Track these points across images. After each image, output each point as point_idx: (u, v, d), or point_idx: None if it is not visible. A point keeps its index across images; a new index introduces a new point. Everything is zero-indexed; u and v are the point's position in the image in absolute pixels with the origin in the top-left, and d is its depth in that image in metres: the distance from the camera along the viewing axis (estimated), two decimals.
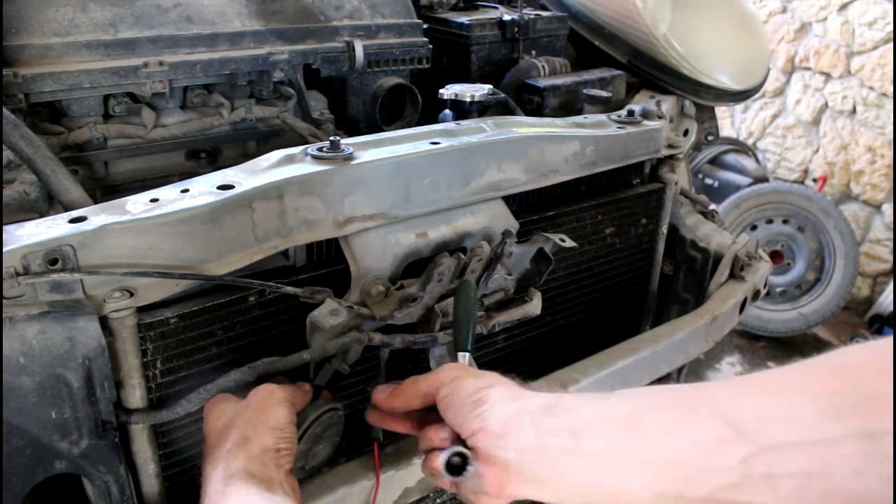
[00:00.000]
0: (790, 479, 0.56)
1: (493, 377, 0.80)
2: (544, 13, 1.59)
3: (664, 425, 0.64)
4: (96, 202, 0.86)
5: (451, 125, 1.09)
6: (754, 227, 3.60)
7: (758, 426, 0.58)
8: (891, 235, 3.77)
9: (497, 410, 0.73)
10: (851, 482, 0.53)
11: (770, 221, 3.60)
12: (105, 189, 1.17)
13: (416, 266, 1.02)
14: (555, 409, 0.71)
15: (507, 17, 1.50)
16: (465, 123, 1.10)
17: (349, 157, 0.93)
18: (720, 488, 0.59)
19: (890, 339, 0.56)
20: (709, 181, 3.82)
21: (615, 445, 0.65)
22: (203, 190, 0.85)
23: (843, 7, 3.72)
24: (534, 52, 1.53)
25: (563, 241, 1.11)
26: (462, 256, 1.00)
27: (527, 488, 0.71)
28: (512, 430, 0.71)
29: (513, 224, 1.11)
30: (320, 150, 0.94)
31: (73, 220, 0.77)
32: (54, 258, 0.74)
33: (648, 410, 0.66)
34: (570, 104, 1.44)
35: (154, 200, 0.82)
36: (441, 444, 0.79)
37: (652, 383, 1.32)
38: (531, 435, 0.70)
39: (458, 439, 0.77)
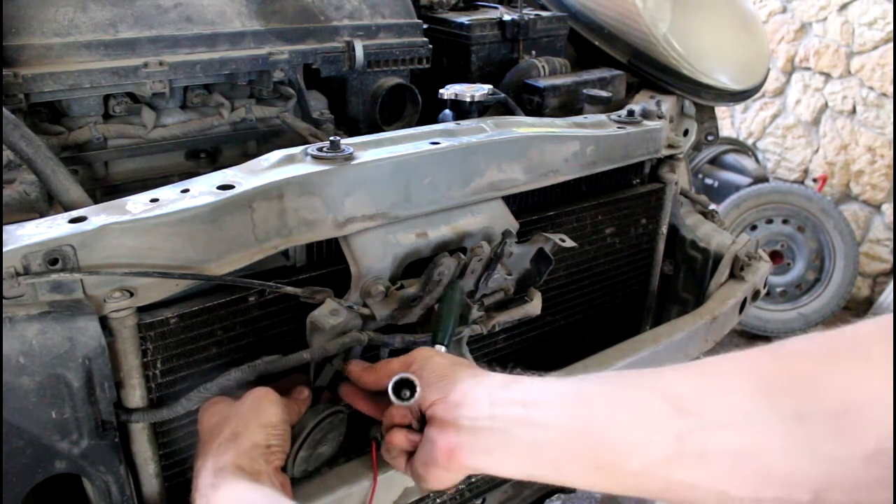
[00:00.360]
0: (723, 456, 0.57)
1: (461, 360, 0.84)
2: (544, 13, 1.59)
3: (608, 400, 0.67)
4: (96, 202, 0.86)
5: (451, 125, 1.09)
6: (754, 227, 3.60)
7: (695, 404, 0.60)
8: (891, 235, 3.77)
9: (459, 384, 0.76)
10: (781, 461, 0.54)
11: (770, 221, 3.59)
12: (105, 189, 1.17)
13: (416, 266, 1.02)
14: (512, 384, 0.74)
15: (507, 17, 1.50)
16: (465, 123, 1.10)
17: (349, 157, 0.93)
18: (655, 463, 0.61)
19: (832, 331, 0.57)
20: (709, 181, 3.82)
21: (560, 417, 0.68)
22: (203, 190, 0.85)
23: (843, 7, 3.72)
24: (534, 52, 1.53)
25: (563, 241, 1.11)
26: (462, 256, 1.00)
27: (475, 458, 0.73)
28: (469, 401, 0.74)
29: (513, 224, 1.11)
30: (320, 150, 0.93)
31: (73, 220, 0.77)
32: (54, 258, 0.74)
33: (597, 388, 0.69)
34: (570, 104, 1.44)
35: (154, 200, 0.82)
36: (402, 420, 0.82)
37: None
38: (485, 405, 0.73)
39: (420, 416, 0.80)
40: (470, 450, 0.73)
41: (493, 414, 0.72)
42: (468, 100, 1.26)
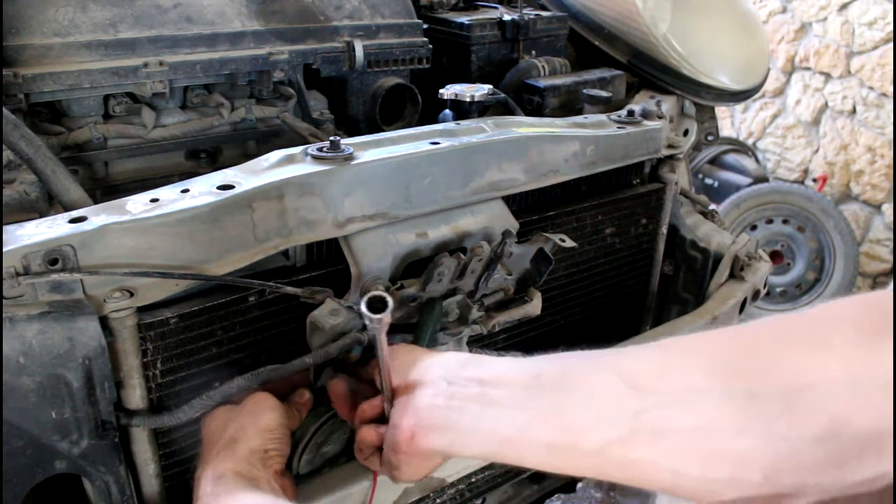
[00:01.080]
0: (676, 435, 0.57)
1: (438, 353, 0.84)
2: (544, 13, 1.59)
3: (565, 379, 0.66)
4: (96, 202, 0.86)
5: (451, 125, 1.09)
6: (754, 227, 3.60)
7: (651, 384, 0.60)
8: (891, 235, 3.77)
9: (425, 368, 0.77)
10: (733, 440, 0.54)
11: (770, 221, 3.60)
12: (105, 189, 1.16)
13: (416, 266, 1.02)
14: (469, 363, 0.75)
15: (507, 17, 1.50)
16: (465, 123, 1.10)
17: (349, 157, 0.93)
18: (610, 442, 0.60)
19: (792, 314, 0.58)
20: (709, 181, 3.82)
21: (517, 395, 0.68)
22: (203, 190, 0.85)
23: (843, 7, 3.72)
24: (534, 52, 1.53)
25: (563, 241, 1.11)
26: (462, 256, 1.00)
27: (433, 438, 0.73)
28: (427, 380, 0.75)
29: (513, 224, 1.11)
30: (320, 150, 0.93)
31: (73, 220, 0.77)
32: (54, 258, 0.74)
33: (554, 367, 0.69)
34: (570, 104, 1.44)
35: (154, 200, 0.82)
36: (373, 412, 0.83)
37: None
38: (443, 384, 0.73)
39: (389, 405, 0.80)
40: (428, 429, 0.72)
41: (451, 392, 0.72)
42: (468, 100, 1.26)
